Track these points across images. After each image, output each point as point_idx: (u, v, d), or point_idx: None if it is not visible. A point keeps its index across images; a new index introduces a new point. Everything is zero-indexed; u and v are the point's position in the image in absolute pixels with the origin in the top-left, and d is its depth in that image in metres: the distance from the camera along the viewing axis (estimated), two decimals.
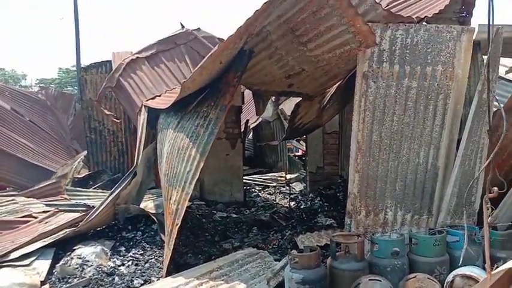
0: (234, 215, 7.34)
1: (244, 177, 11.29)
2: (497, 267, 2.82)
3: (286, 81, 6.26)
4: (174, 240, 4.61)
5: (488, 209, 2.44)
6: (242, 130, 10.01)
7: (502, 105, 5.67)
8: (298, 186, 10.89)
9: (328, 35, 4.44)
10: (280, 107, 12.13)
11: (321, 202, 8.19)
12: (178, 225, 4.60)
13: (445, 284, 3.68)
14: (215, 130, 4.74)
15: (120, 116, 8.98)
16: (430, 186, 4.58)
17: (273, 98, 10.73)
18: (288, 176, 11.85)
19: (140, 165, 6.26)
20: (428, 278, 3.84)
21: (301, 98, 7.12)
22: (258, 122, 12.49)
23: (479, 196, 4.74)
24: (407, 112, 4.42)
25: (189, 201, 7.97)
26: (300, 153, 14.10)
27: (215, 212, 7.35)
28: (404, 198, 4.60)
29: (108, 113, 7.88)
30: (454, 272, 3.70)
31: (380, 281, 3.78)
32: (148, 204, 7.00)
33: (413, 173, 4.55)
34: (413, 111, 4.39)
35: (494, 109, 5.35)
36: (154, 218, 5.94)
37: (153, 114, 6.37)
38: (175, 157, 4.99)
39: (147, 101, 6.69)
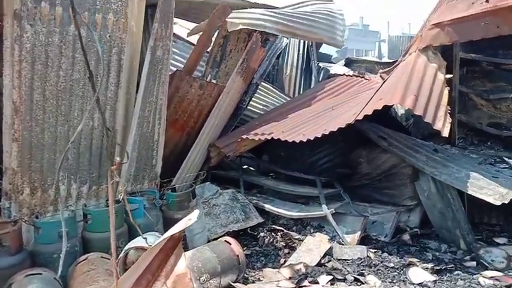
0: None
1: None
2: None
3: None
4: None
5: (113, 183, 2.08)
6: None
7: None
8: None
9: None
10: None
11: None
12: None
13: (117, 260, 3.33)
14: None
15: None
16: (108, 152, 4.12)
17: None
18: None
19: None
20: (102, 257, 3.42)
21: None
22: None
23: (160, 159, 4.67)
24: (76, 67, 3.73)
25: None
26: None
27: None
28: (79, 168, 3.98)
29: None
30: (127, 246, 3.41)
31: (40, 273, 3.08)
32: None
33: (88, 139, 3.96)
34: (82, 65, 3.73)
35: (174, 69, 5.41)
36: None
37: None
38: None
39: None
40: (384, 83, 5.02)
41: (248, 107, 6.41)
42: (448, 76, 5.00)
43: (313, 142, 4.61)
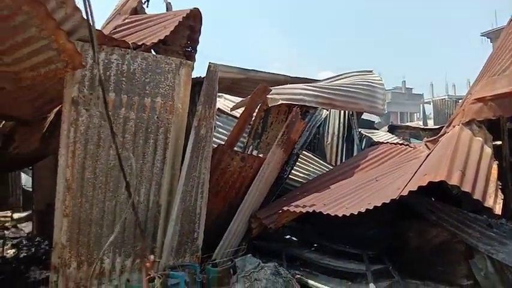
0: None
1: None
2: None
3: None
4: None
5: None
6: None
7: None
8: (28, 228, 9.06)
9: (27, 49, 3.58)
10: None
11: (48, 247, 6.86)
12: None
13: None
14: None
15: None
16: (153, 225, 4.24)
17: None
18: (16, 216, 9.81)
19: None
20: None
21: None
22: None
23: (201, 232, 4.70)
24: (125, 146, 3.97)
25: None
26: None
27: None
28: (124, 242, 4.09)
29: None
30: None
31: None
32: None
33: (133, 213, 4.09)
34: (131, 144, 3.98)
35: (218, 141, 5.61)
36: None
37: None
38: None
39: None
40: (428, 155, 4.90)
41: (289, 176, 6.42)
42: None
43: (357, 214, 4.48)
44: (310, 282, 4.99)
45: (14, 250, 7.19)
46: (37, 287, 4.69)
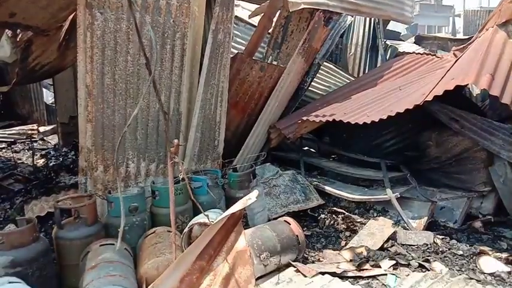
0: None
1: None
2: None
3: (4, 9, 4.83)
4: None
5: (173, 163, 2.16)
6: None
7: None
8: (55, 140, 9.41)
9: None
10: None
11: (74, 157, 7.18)
12: None
13: (182, 235, 3.51)
14: None
15: None
16: (174, 133, 4.31)
17: (9, 32, 8.61)
18: (42, 129, 10.16)
19: None
20: (168, 231, 3.61)
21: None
22: None
23: (222, 140, 4.78)
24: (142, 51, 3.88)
25: None
26: None
27: None
28: (147, 148, 4.20)
29: None
30: (191, 222, 3.56)
31: (113, 244, 3.32)
32: None
33: (155, 120, 4.16)
34: (148, 50, 3.88)
35: (235, 51, 5.45)
36: None
37: None
38: None
39: None
40: (456, 61, 4.66)
41: (310, 88, 6.32)
42: None
43: (378, 124, 4.44)
44: (327, 188, 5.13)
45: (43, 160, 7.56)
46: (67, 190, 4.97)
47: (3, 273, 2.95)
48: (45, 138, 9.71)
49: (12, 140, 9.22)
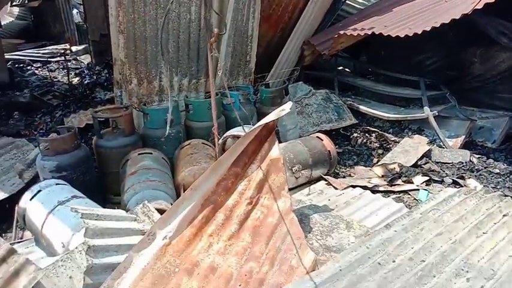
0: None
1: (17, 53, 9.31)
2: None
3: None
4: None
5: (212, 55, 2.10)
6: None
7: None
8: (87, 59, 9.49)
9: None
10: None
11: (107, 75, 7.25)
12: None
13: (216, 147, 3.57)
14: None
15: None
16: (206, 46, 4.19)
17: None
18: (74, 48, 10.22)
19: None
20: (202, 143, 3.69)
21: None
22: None
23: (254, 55, 4.65)
24: None
25: None
26: None
27: None
28: (179, 62, 4.15)
29: None
30: (225, 134, 3.60)
31: (151, 153, 3.44)
32: None
33: (186, 32, 4.05)
34: None
35: None
36: None
37: None
38: None
39: None
40: None
41: (347, 2, 5.95)
42: None
43: (418, 40, 4.16)
44: (362, 107, 5.03)
45: (77, 78, 7.69)
46: (103, 105, 5.08)
47: (50, 177, 3.14)
48: (78, 57, 9.78)
49: (47, 59, 9.36)
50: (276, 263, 2.18)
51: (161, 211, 2.66)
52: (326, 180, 3.59)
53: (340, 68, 6.49)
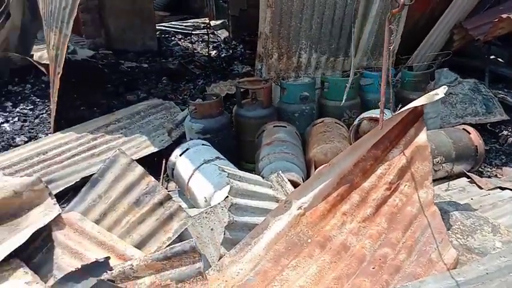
0: (145, 65, 6.57)
1: (163, 24, 10.23)
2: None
3: None
4: (57, 92, 3.96)
5: (392, 31, 2.01)
6: None
7: None
8: (224, 34, 10.04)
9: None
10: None
11: (243, 49, 7.58)
12: (60, 73, 3.89)
13: (351, 128, 3.50)
14: None
15: None
16: (349, 24, 4.09)
17: None
18: (213, 23, 10.88)
19: (15, 4, 5.09)
20: (335, 123, 3.65)
21: None
22: None
23: (398, 35, 4.39)
24: None
25: (94, 50, 7.12)
26: None
27: (123, 62, 6.51)
28: (320, 39, 4.12)
29: None
30: (361, 116, 3.50)
31: (285, 127, 3.52)
32: (43, 55, 6.00)
33: (331, 9, 3.98)
34: None
35: None
36: (43, 69, 5.07)
37: None
38: None
39: None
40: None
41: None
42: None
43: None
44: None
45: (215, 51, 8.19)
46: (241, 77, 5.34)
47: (196, 137, 3.44)
48: (215, 32, 10.39)
49: (190, 31, 10.13)
50: (414, 254, 2.07)
51: (293, 183, 2.72)
52: (469, 178, 3.27)
53: (492, 57, 5.78)
